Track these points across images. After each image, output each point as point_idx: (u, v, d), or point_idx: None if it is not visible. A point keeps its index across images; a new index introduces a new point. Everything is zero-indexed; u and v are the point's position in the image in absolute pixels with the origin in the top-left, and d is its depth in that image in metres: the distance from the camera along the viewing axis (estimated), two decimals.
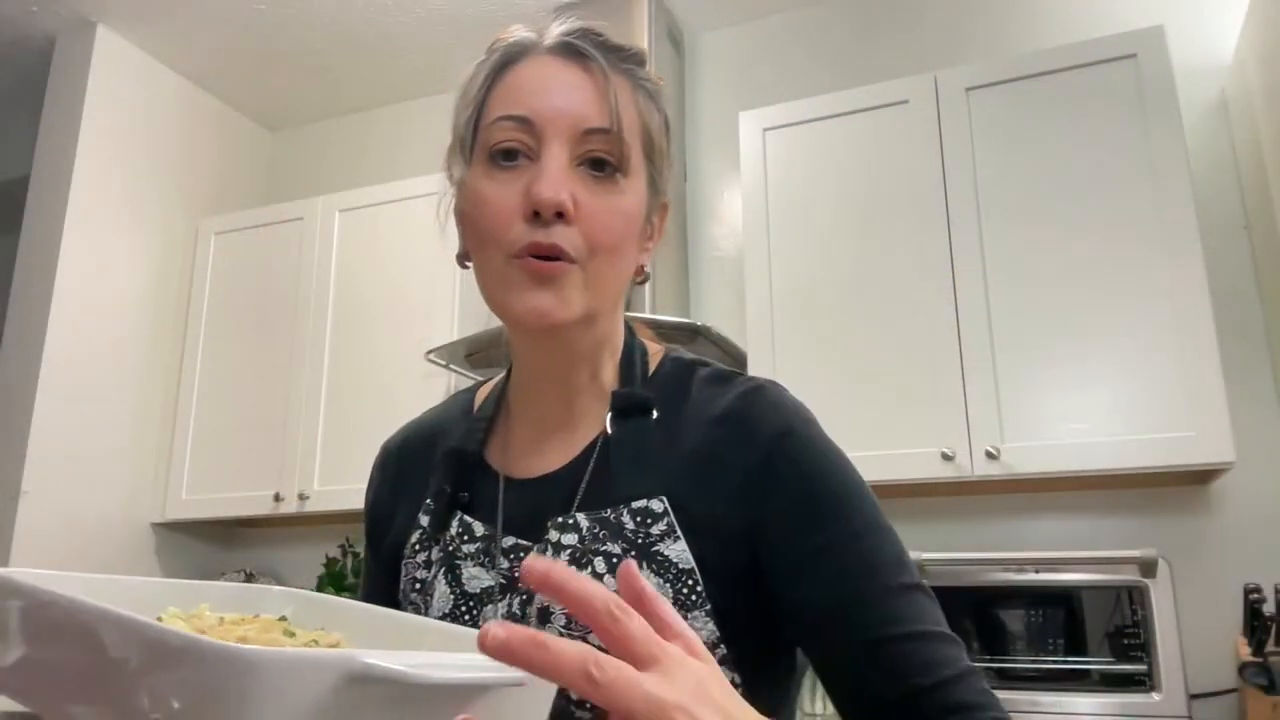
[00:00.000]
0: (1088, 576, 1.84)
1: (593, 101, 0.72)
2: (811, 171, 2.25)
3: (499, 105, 0.73)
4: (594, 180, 0.71)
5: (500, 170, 0.71)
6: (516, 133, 0.71)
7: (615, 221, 0.72)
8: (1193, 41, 2.28)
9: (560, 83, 0.72)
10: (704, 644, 0.54)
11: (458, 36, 2.93)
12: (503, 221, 0.70)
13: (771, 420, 0.72)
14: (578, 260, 0.70)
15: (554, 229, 0.69)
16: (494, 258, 0.71)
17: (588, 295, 0.71)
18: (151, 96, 3.00)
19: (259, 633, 0.57)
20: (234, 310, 2.90)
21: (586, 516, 0.72)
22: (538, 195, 0.68)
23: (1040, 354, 1.96)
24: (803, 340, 2.17)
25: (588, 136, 0.71)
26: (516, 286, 0.70)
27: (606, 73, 0.73)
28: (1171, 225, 1.91)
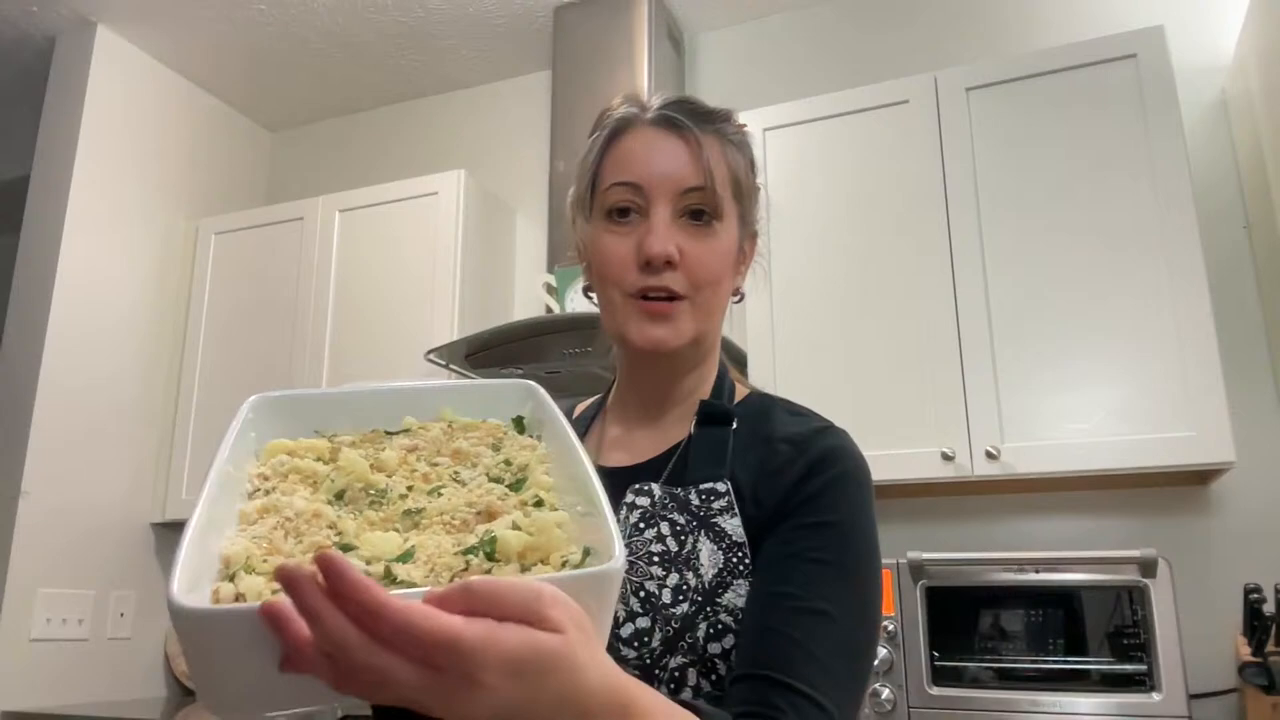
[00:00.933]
0: (1088, 576, 1.84)
1: (688, 165, 0.87)
2: (812, 171, 2.25)
3: (612, 172, 0.89)
4: (694, 228, 0.87)
5: (617, 225, 0.88)
6: (628, 195, 0.87)
7: (714, 261, 0.87)
8: (1193, 41, 2.28)
9: (662, 152, 0.88)
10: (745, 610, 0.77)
11: (458, 36, 2.93)
12: (622, 269, 0.86)
13: (833, 454, 0.83)
14: (686, 296, 0.86)
15: (664, 275, 0.85)
16: (614, 296, 0.87)
17: (695, 323, 0.87)
18: (151, 96, 3.00)
19: (476, 442, 0.67)
20: (234, 310, 2.90)
21: (660, 487, 0.85)
22: (649, 250, 0.84)
23: (1040, 354, 1.96)
24: (803, 340, 2.17)
25: (687, 194, 0.86)
26: (636, 321, 0.86)
27: (699, 138, 0.88)
28: (1171, 225, 1.91)
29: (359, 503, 0.58)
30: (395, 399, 0.70)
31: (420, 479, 0.62)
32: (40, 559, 2.51)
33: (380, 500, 0.58)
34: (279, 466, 0.61)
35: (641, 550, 0.80)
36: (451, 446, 0.67)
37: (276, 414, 0.65)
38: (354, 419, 0.68)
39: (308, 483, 0.60)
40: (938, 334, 2.04)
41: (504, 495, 0.59)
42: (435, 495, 0.59)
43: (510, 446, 0.67)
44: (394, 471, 0.62)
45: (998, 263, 2.03)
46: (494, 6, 2.79)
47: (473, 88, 3.20)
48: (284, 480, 0.60)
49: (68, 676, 2.54)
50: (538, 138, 2.95)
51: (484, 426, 0.70)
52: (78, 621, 2.58)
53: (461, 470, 0.64)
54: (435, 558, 0.52)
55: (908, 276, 2.10)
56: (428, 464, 0.64)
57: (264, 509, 0.55)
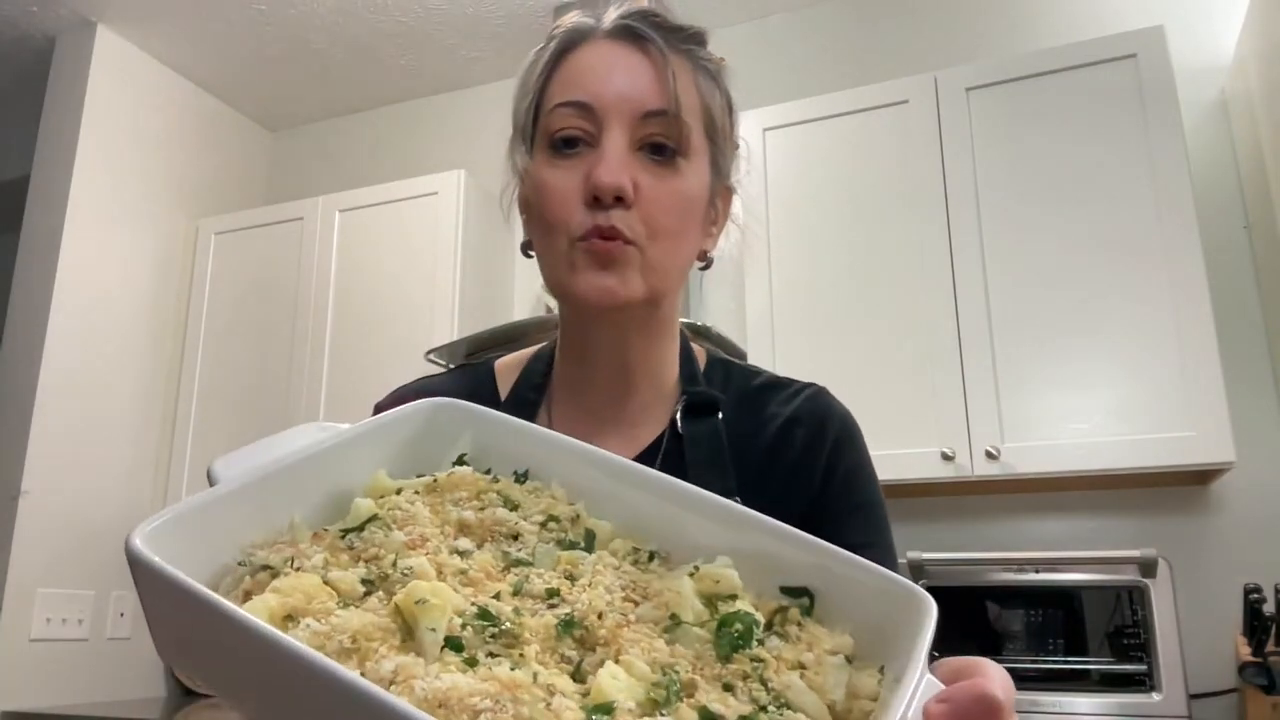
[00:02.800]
0: (1088, 576, 1.84)
1: (651, 84, 0.71)
2: (811, 171, 2.25)
3: (559, 92, 0.73)
4: (655, 164, 0.71)
5: (561, 158, 0.72)
6: (576, 119, 0.71)
7: (675, 204, 0.72)
8: (1193, 41, 2.28)
9: (619, 67, 0.72)
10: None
11: (458, 36, 2.93)
12: (565, 208, 0.71)
13: (836, 418, 0.80)
14: (636, 243, 0.70)
15: (613, 213, 0.69)
16: (558, 243, 0.72)
17: (647, 277, 0.71)
18: (151, 96, 3.00)
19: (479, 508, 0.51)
20: (234, 310, 2.90)
21: None
22: (597, 180, 0.68)
23: (1040, 354, 1.96)
24: (803, 340, 2.17)
25: (647, 120, 0.71)
26: (580, 269, 0.70)
27: (665, 54, 0.72)
28: (1171, 225, 1.91)
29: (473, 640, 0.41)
30: (296, 476, 0.51)
31: (496, 582, 0.46)
32: (40, 559, 2.51)
33: (498, 632, 0.42)
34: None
35: None
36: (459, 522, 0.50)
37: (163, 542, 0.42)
38: (258, 522, 0.48)
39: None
40: (938, 334, 2.04)
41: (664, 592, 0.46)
42: (550, 606, 0.44)
43: (531, 501, 0.53)
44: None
45: (998, 263, 2.03)
46: (494, 6, 2.79)
47: (473, 88, 3.20)
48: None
49: (68, 676, 2.54)
50: None
51: (464, 483, 0.53)
52: (78, 621, 2.58)
53: (511, 553, 0.49)
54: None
55: (908, 276, 2.10)
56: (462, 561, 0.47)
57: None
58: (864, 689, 0.44)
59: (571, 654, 0.42)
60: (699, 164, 0.74)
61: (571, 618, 0.43)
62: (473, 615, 0.42)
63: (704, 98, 0.75)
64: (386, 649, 0.39)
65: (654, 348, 0.78)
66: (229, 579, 0.45)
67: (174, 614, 0.41)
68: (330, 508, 0.51)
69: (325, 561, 0.46)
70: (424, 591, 0.41)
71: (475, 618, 0.41)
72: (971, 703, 0.40)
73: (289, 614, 0.41)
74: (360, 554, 0.47)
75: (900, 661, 0.44)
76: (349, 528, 0.49)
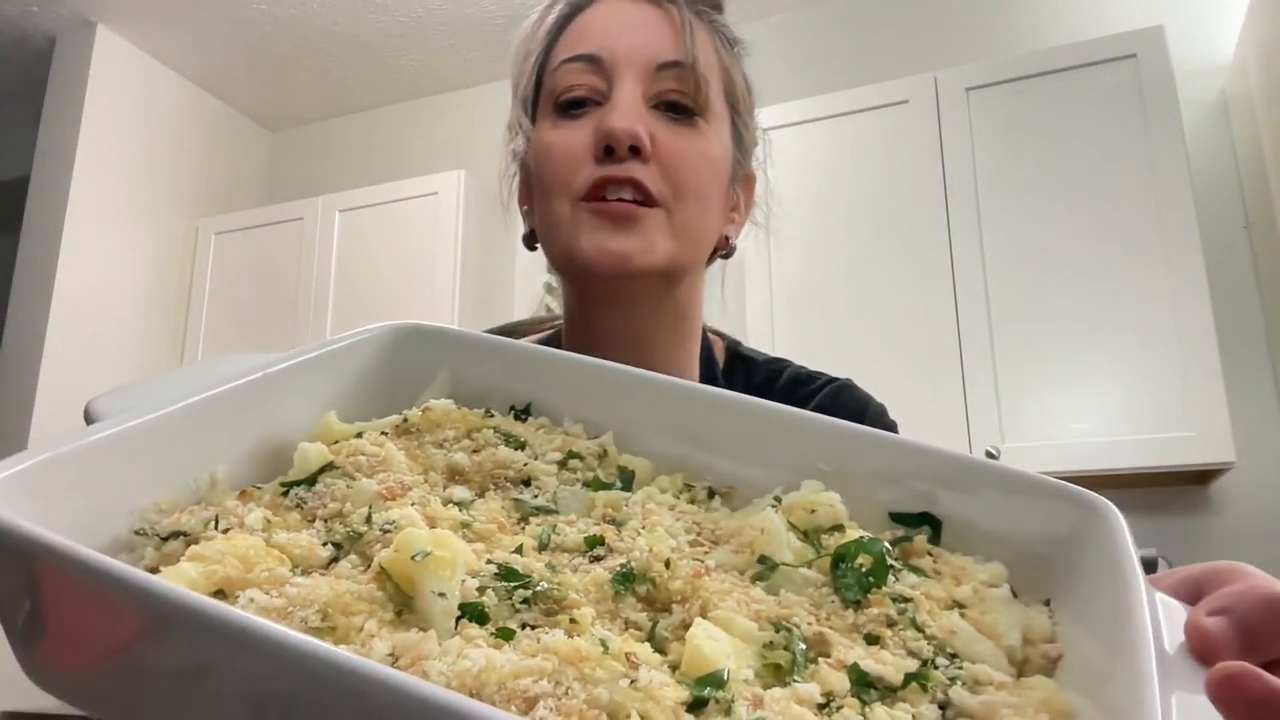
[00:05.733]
0: None
1: (666, 35, 0.63)
2: (812, 171, 2.25)
3: (566, 49, 0.65)
4: (672, 122, 0.62)
5: (568, 119, 0.63)
6: (585, 75, 0.62)
7: (700, 163, 0.63)
8: (1193, 41, 2.28)
9: (631, 19, 0.64)
10: None
11: (458, 36, 2.93)
12: (570, 166, 0.61)
13: (872, 409, 0.75)
14: (661, 202, 0.61)
15: (629, 164, 0.60)
16: (560, 204, 0.62)
17: (674, 243, 0.61)
18: (151, 96, 3.00)
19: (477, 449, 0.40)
20: (234, 310, 2.90)
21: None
22: (610, 126, 0.59)
23: (1040, 354, 1.96)
24: (803, 340, 2.17)
25: (662, 72, 0.62)
26: (588, 229, 0.60)
27: (682, 9, 0.65)
28: (1171, 225, 1.91)
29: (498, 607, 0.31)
30: (212, 417, 0.38)
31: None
32: None
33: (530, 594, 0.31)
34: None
35: None
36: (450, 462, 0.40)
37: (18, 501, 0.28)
38: (161, 479, 0.35)
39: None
40: (938, 334, 2.04)
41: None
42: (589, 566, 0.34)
43: (542, 438, 0.42)
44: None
45: (998, 262, 2.03)
46: (494, 6, 2.79)
47: (473, 88, 3.20)
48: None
49: None
50: None
51: (448, 419, 0.42)
52: None
53: (525, 500, 0.38)
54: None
55: (908, 276, 2.10)
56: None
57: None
58: (1037, 629, 0.33)
59: (639, 617, 0.32)
60: (720, 127, 0.66)
61: (630, 569, 0.33)
62: (492, 575, 0.31)
63: (723, 63, 0.68)
64: (376, 624, 0.28)
65: (670, 336, 0.67)
66: (124, 555, 0.33)
67: (43, 602, 0.27)
68: (262, 461, 0.39)
69: (266, 522, 0.34)
70: (422, 543, 0.29)
71: (496, 578, 0.31)
72: (1261, 609, 0.28)
73: (219, 588, 0.29)
74: (315, 511, 0.35)
75: (1091, 584, 0.33)
76: (294, 480, 0.37)
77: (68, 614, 0.27)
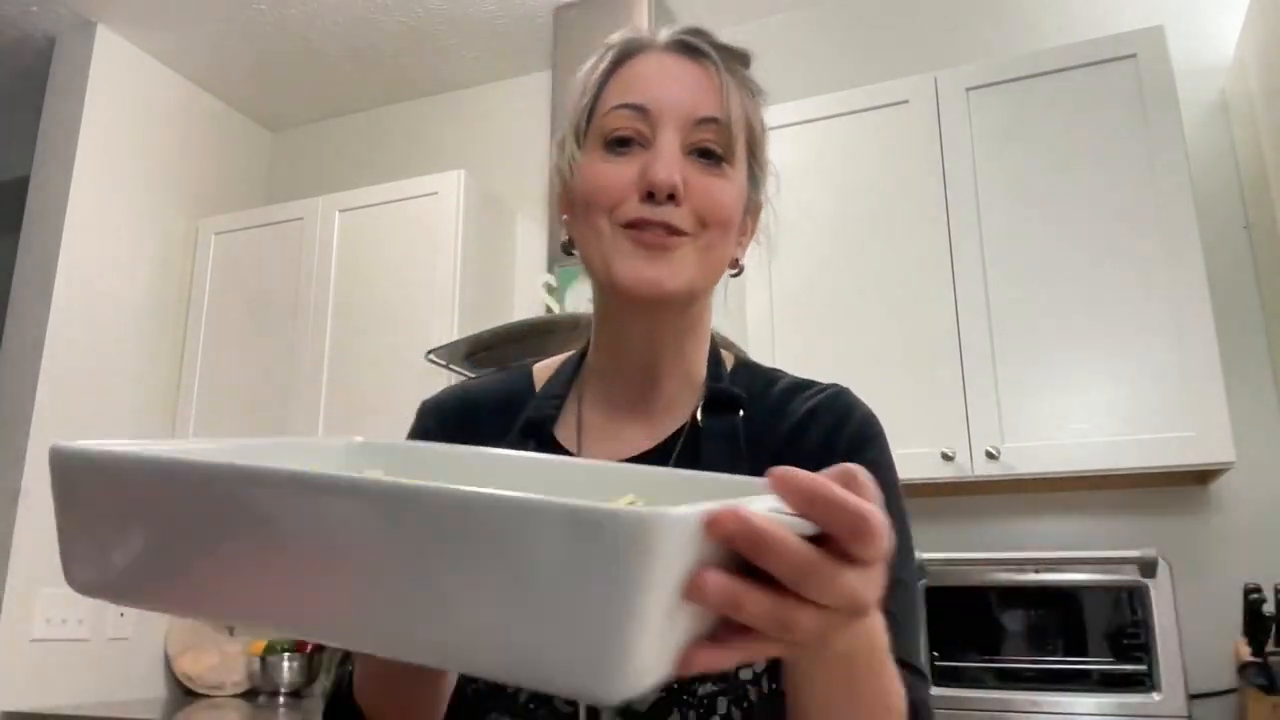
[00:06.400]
0: (1088, 576, 1.84)
1: (706, 93, 0.76)
2: (812, 172, 2.25)
3: (616, 94, 0.77)
4: (703, 166, 0.75)
5: (615, 155, 0.75)
6: (633, 120, 0.75)
7: (723, 202, 0.75)
8: (1193, 41, 2.28)
9: (675, 75, 0.76)
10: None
11: (458, 36, 2.93)
12: (615, 194, 0.74)
13: (861, 410, 0.81)
14: (690, 233, 0.74)
15: (666, 208, 0.72)
16: (602, 226, 0.74)
17: (697, 268, 0.74)
18: (151, 96, 3.00)
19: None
20: (234, 310, 2.90)
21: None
22: (653, 176, 0.72)
23: (1040, 354, 1.96)
24: (803, 340, 2.17)
25: (700, 126, 0.75)
26: (628, 256, 0.73)
27: (719, 67, 0.77)
28: (1171, 225, 1.91)
29: None
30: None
31: None
32: (40, 559, 2.51)
33: None
34: None
35: None
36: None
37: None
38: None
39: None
40: (938, 334, 2.04)
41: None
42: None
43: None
44: None
45: (998, 262, 2.04)
46: (494, 6, 2.79)
47: (473, 88, 3.20)
48: None
49: (68, 676, 2.54)
50: (538, 138, 2.95)
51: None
52: (78, 621, 2.58)
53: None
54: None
55: (908, 276, 2.10)
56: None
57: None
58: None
59: None
60: (740, 172, 0.78)
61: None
62: None
63: (748, 114, 0.79)
64: None
65: (684, 343, 0.80)
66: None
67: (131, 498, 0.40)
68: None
69: None
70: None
71: None
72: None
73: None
74: None
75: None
76: None
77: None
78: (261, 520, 0.37)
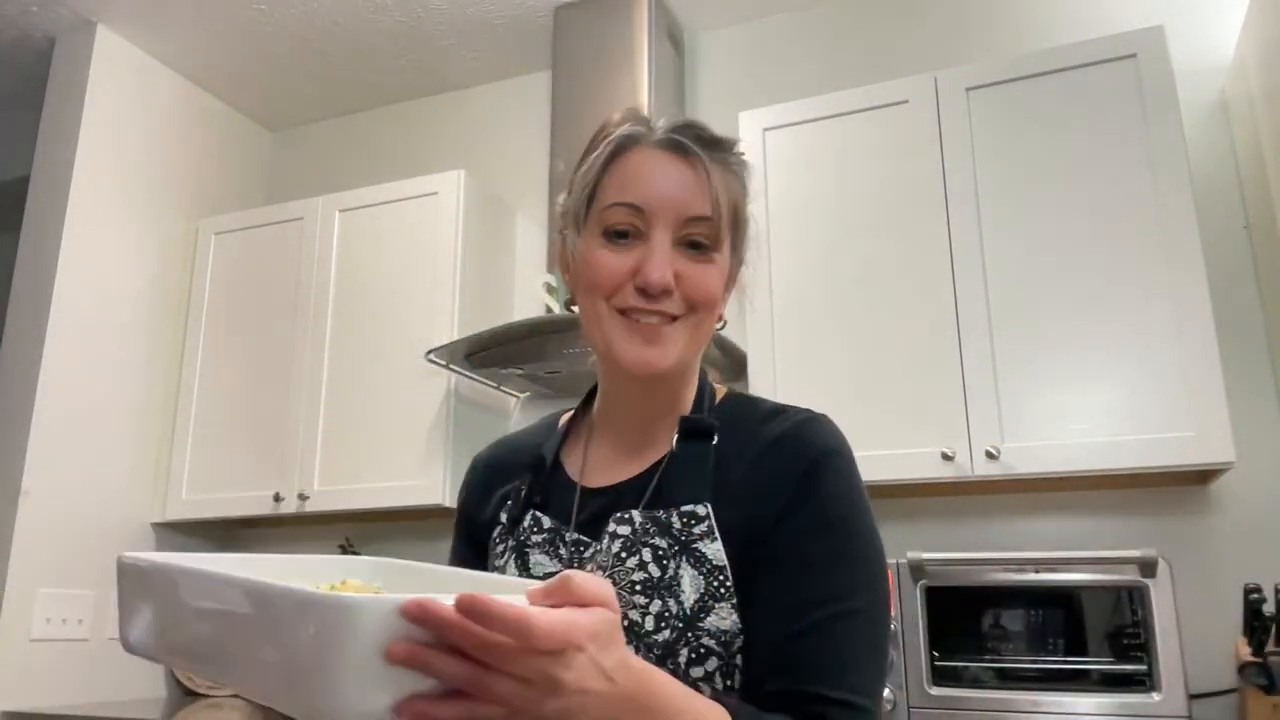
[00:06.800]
0: (1088, 576, 1.84)
1: (694, 192, 0.84)
2: (811, 172, 2.25)
3: (614, 191, 0.85)
4: (693, 256, 0.85)
5: (614, 245, 0.84)
6: (629, 217, 0.84)
7: (710, 284, 0.85)
8: (1193, 41, 2.28)
9: (667, 175, 0.85)
10: (728, 633, 0.77)
11: (458, 36, 2.93)
12: (613, 284, 0.84)
13: (821, 441, 0.84)
14: (681, 316, 0.84)
15: (659, 300, 0.83)
16: (602, 310, 0.85)
17: (687, 343, 0.85)
18: (151, 96, 3.00)
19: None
20: (234, 310, 2.90)
21: (640, 514, 0.84)
22: (648, 276, 0.82)
23: (1040, 354, 1.96)
24: (803, 340, 2.17)
25: (690, 223, 0.84)
26: (625, 339, 0.84)
27: (707, 166, 0.85)
28: (1171, 225, 1.91)
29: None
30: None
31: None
32: (40, 559, 2.51)
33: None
34: None
35: (624, 580, 0.81)
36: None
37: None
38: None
39: None
40: (938, 334, 2.04)
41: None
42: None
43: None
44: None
45: (998, 263, 2.03)
46: (494, 6, 2.79)
47: (473, 88, 3.20)
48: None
49: (68, 676, 2.54)
50: (538, 138, 2.95)
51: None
52: (78, 621, 2.58)
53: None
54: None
55: (908, 276, 2.10)
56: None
57: None
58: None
59: None
60: (726, 250, 0.88)
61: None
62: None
63: (733, 199, 0.88)
64: None
65: (675, 396, 0.90)
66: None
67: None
68: None
69: None
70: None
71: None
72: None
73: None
74: None
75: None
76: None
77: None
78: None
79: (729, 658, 0.78)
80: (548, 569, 0.87)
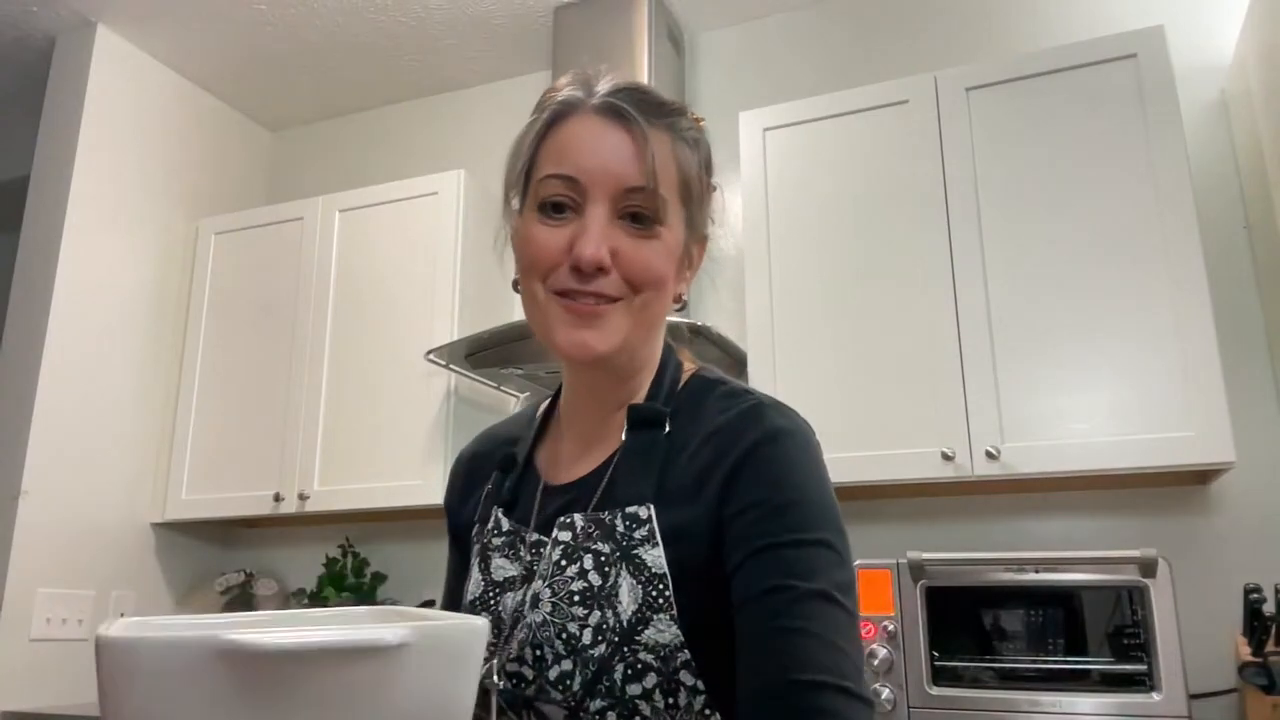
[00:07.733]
0: (1088, 576, 1.83)
1: (632, 162, 0.78)
2: (812, 172, 2.25)
3: (549, 162, 0.80)
4: (634, 230, 0.78)
5: (549, 219, 0.78)
6: (564, 189, 0.78)
7: (654, 263, 0.79)
8: (1193, 41, 2.28)
9: (603, 144, 0.78)
10: (667, 646, 0.72)
11: (458, 36, 2.93)
12: (548, 263, 0.78)
13: (755, 431, 0.76)
14: (620, 298, 0.78)
15: (596, 279, 0.76)
16: (537, 290, 0.79)
17: (631, 327, 0.79)
18: (151, 97, 3.00)
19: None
20: (234, 310, 2.90)
21: (583, 517, 0.79)
22: (579, 254, 0.75)
23: (1040, 354, 1.96)
24: (802, 340, 2.17)
25: (628, 194, 0.77)
26: (561, 322, 0.78)
27: (646, 133, 0.79)
28: (1171, 225, 1.91)
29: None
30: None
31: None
32: (40, 559, 2.51)
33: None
34: None
35: (563, 590, 0.77)
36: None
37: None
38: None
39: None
40: (938, 334, 2.04)
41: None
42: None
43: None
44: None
45: (998, 262, 2.03)
46: (494, 6, 2.79)
47: (473, 88, 3.20)
48: None
49: (68, 676, 2.54)
50: None
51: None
52: (78, 621, 2.58)
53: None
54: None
55: (908, 276, 2.10)
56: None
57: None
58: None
59: None
60: (675, 226, 0.81)
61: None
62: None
63: (682, 168, 0.81)
64: None
65: (631, 383, 0.85)
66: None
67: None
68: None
69: None
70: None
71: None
72: None
73: None
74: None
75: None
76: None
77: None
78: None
79: (669, 673, 0.72)
80: (508, 572, 0.83)
